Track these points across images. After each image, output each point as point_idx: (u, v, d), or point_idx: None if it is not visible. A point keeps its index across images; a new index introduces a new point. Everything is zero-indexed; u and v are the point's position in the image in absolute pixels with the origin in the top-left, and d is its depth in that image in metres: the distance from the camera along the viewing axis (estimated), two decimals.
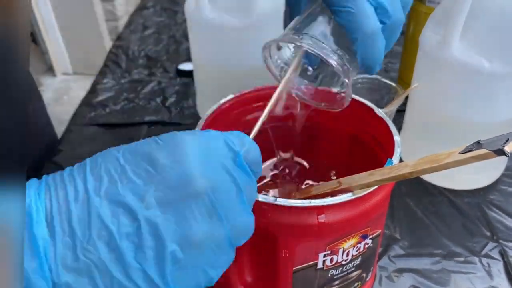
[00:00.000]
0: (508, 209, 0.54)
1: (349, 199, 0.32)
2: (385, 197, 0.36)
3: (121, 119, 0.69)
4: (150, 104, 0.73)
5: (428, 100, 0.54)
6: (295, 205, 0.31)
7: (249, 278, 0.39)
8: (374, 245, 0.38)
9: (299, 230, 0.33)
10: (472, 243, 0.50)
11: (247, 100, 0.43)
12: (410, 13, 0.68)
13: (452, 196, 0.56)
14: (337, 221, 0.32)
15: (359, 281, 0.40)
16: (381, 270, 0.47)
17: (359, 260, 0.37)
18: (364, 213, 0.34)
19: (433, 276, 0.47)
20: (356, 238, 0.35)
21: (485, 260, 0.48)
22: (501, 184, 0.57)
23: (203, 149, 0.26)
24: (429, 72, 0.53)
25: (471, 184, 0.57)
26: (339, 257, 0.36)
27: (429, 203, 0.55)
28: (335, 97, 0.39)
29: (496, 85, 0.48)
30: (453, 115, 0.52)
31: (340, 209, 0.32)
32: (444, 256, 0.49)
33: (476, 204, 0.55)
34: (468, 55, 0.47)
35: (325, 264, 0.36)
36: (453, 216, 0.53)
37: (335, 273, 0.37)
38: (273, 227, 0.33)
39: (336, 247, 0.35)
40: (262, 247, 0.35)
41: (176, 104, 0.73)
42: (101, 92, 0.77)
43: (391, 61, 0.83)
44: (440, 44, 0.49)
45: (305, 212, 0.32)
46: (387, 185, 0.35)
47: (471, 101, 0.50)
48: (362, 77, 0.60)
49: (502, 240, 0.50)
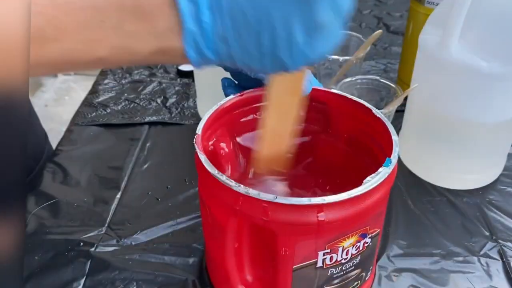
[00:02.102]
0: (507, 209, 0.54)
1: (349, 198, 0.32)
2: (384, 196, 0.36)
3: (122, 119, 0.70)
4: (151, 104, 0.73)
5: (427, 100, 0.55)
6: (294, 203, 0.32)
7: (249, 276, 0.39)
8: (373, 244, 0.38)
9: (298, 228, 0.33)
10: (471, 243, 0.50)
11: (248, 101, 0.44)
12: (409, 14, 0.68)
13: (451, 196, 0.56)
14: (336, 220, 0.33)
15: (358, 280, 0.40)
16: (380, 270, 0.47)
17: (358, 259, 0.38)
18: (363, 212, 0.34)
19: (432, 275, 0.47)
20: (355, 237, 0.36)
21: (484, 260, 0.48)
22: (500, 184, 0.58)
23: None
24: (428, 73, 0.54)
25: (470, 184, 0.57)
26: (338, 256, 0.36)
27: (428, 203, 0.55)
28: None
29: (494, 86, 0.49)
30: (452, 115, 0.52)
31: (340, 207, 0.33)
32: (443, 256, 0.49)
33: (475, 204, 0.55)
34: (467, 56, 0.48)
35: (325, 262, 0.36)
36: (452, 216, 0.53)
37: (335, 271, 0.37)
38: (273, 225, 0.33)
39: (335, 245, 0.35)
40: (262, 245, 0.36)
41: (176, 104, 0.73)
42: (102, 92, 0.77)
43: (391, 62, 0.84)
44: (439, 45, 0.49)
45: (304, 210, 0.32)
46: (386, 184, 0.35)
47: (469, 102, 0.51)
48: (362, 77, 0.61)
49: (501, 240, 0.50)
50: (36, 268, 0.47)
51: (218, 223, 0.37)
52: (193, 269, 0.47)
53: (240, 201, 0.33)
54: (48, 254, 0.49)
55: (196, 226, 0.52)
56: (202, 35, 0.25)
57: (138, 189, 0.57)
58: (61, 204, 0.55)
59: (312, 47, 0.26)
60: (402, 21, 0.98)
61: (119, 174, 0.59)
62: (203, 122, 0.39)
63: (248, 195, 0.32)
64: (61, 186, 0.58)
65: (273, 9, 0.24)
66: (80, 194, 0.56)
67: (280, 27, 0.25)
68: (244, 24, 0.25)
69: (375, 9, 1.05)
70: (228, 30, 0.25)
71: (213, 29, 0.25)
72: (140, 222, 0.52)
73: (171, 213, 0.54)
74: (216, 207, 0.37)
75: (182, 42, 0.25)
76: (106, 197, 0.56)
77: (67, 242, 0.50)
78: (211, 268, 0.45)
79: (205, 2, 0.24)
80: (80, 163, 0.61)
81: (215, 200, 0.36)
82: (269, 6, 0.24)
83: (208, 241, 0.43)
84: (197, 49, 0.26)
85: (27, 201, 0.54)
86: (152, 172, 0.60)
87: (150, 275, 0.46)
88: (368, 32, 0.69)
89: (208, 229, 0.41)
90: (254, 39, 0.25)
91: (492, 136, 0.54)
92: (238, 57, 0.26)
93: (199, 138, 0.37)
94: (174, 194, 0.56)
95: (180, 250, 0.49)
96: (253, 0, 0.24)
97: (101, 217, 0.53)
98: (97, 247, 0.49)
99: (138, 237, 0.51)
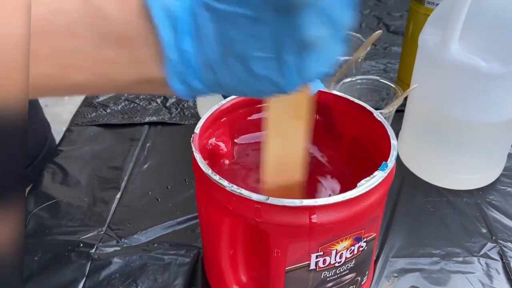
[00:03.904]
0: (506, 209, 0.54)
1: (342, 200, 0.32)
2: (379, 200, 0.36)
3: (122, 119, 0.70)
4: (151, 104, 0.73)
5: (427, 100, 0.54)
6: (287, 204, 0.31)
7: (244, 277, 0.39)
8: (369, 249, 0.38)
9: (291, 230, 0.33)
10: (471, 243, 0.50)
11: (249, 101, 0.44)
12: (409, 14, 0.68)
13: (451, 196, 0.56)
14: (329, 222, 0.33)
15: (353, 284, 0.40)
16: (380, 271, 0.47)
17: (353, 263, 0.37)
18: (357, 215, 0.34)
19: (432, 276, 0.47)
20: (349, 240, 0.35)
21: (483, 260, 0.48)
22: (499, 184, 0.58)
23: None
24: (428, 73, 0.54)
25: (470, 184, 0.57)
26: (332, 259, 0.36)
27: (428, 203, 0.55)
28: None
29: (494, 86, 0.49)
30: (451, 115, 0.52)
31: (333, 210, 0.32)
32: (443, 256, 0.49)
33: (475, 204, 0.55)
34: (466, 56, 0.48)
35: (318, 265, 0.36)
36: (452, 216, 0.53)
37: (328, 275, 0.37)
38: (265, 225, 0.33)
39: (328, 248, 0.35)
40: (256, 246, 0.36)
41: (176, 104, 0.73)
42: None
43: (391, 62, 0.83)
44: (439, 45, 0.49)
45: (297, 212, 0.32)
46: (381, 188, 0.35)
47: (469, 102, 0.51)
48: (362, 77, 0.61)
49: (500, 240, 0.50)
50: (36, 269, 0.47)
51: (212, 223, 0.37)
52: (193, 269, 0.47)
53: (233, 201, 0.33)
54: (48, 255, 0.49)
55: (196, 226, 0.52)
56: (185, 64, 0.23)
57: (138, 189, 0.57)
58: (61, 204, 0.55)
59: (305, 66, 0.24)
60: (402, 21, 0.98)
61: (119, 174, 0.59)
62: (202, 122, 0.39)
63: (241, 195, 0.32)
64: (61, 186, 0.58)
65: (258, 30, 0.22)
66: (80, 194, 0.56)
67: (267, 49, 0.23)
68: (229, 49, 0.23)
69: (375, 9, 1.05)
70: (213, 56, 0.23)
71: (197, 57, 0.23)
72: (140, 222, 0.52)
73: (171, 213, 0.54)
74: (210, 207, 0.37)
75: (165, 72, 0.24)
76: (106, 197, 0.56)
77: (67, 243, 0.50)
78: (208, 268, 0.46)
79: (185, 28, 0.23)
80: (80, 163, 0.61)
81: (210, 200, 0.36)
82: (253, 27, 0.22)
83: (204, 240, 0.43)
84: (181, 79, 0.24)
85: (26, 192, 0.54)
86: (152, 172, 0.60)
87: (150, 275, 0.46)
88: (368, 32, 0.69)
89: (204, 228, 0.41)
90: (241, 64, 0.23)
91: (492, 136, 0.54)
92: (227, 84, 0.24)
93: (197, 137, 0.37)
94: (174, 194, 0.56)
95: (180, 250, 0.49)
96: (236, 22, 0.22)
97: (101, 217, 0.53)
98: (97, 248, 0.49)
99: (138, 237, 0.51)
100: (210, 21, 0.22)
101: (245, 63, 0.23)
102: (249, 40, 0.23)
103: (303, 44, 0.23)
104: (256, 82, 0.24)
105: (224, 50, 0.23)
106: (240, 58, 0.23)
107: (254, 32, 0.23)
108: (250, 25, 0.22)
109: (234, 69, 0.24)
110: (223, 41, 0.23)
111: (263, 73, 0.24)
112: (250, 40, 0.23)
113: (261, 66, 0.23)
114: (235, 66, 0.23)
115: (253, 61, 0.23)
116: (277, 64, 0.23)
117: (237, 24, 0.22)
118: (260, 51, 0.23)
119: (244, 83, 0.24)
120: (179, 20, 0.22)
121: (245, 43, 0.23)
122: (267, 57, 0.23)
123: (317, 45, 0.23)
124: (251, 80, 0.24)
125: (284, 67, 0.24)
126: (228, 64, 0.23)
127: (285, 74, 0.24)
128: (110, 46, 0.23)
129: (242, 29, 0.23)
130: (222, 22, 0.22)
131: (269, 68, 0.23)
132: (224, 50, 0.23)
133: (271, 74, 0.24)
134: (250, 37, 0.23)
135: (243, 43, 0.23)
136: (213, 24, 0.23)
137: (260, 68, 0.23)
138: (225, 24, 0.23)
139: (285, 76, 0.24)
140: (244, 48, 0.23)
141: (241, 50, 0.23)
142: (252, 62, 0.23)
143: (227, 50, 0.23)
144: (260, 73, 0.24)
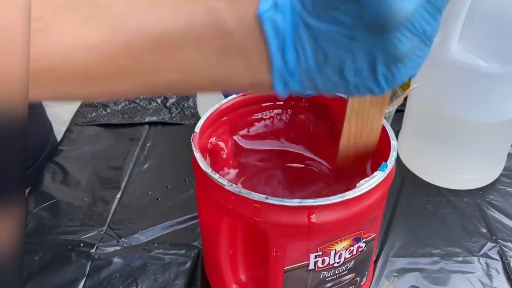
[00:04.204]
0: (506, 209, 0.54)
1: (341, 200, 0.32)
2: (379, 201, 0.36)
3: (122, 119, 0.70)
4: (151, 104, 0.73)
5: (427, 100, 0.55)
6: (286, 204, 0.31)
7: (243, 276, 0.39)
8: (368, 249, 0.38)
9: (289, 230, 0.33)
10: (471, 243, 0.50)
11: (250, 100, 0.44)
12: None
13: (451, 196, 0.56)
14: (328, 222, 0.33)
15: (352, 285, 0.40)
16: (379, 270, 0.47)
17: (352, 263, 0.37)
18: (356, 215, 0.34)
19: (432, 276, 0.47)
20: (348, 241, 0.35)
21: (483, 260, 0.48)
22: (499, 184, 0.58)
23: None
24: (428, 73, 0.54)
25: (470, 184, 0.57)
26: (331, 259, 0.36)
27: (428, 203, 0.55)
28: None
29: (494, 86, 0.49)
30: (451, 115, 0.52)
31: (332, 210, 0.32)
32: (443, 256, 0.49)
33: (474, 204, 0.55)
34: (466, 56, 0.48)
35: (317, 265, 0.36)
36: (451, 216, 0.53)
37: (327, 275, 0.37)
38: (264, 225, 0.33)
39: (327, 248, 0.35)
40: (255, 245, 0.36)
41: (176, 104, 0.73)
42: None
43: None
44: (439, 45, 0.49)
45: (296, 211, 0.32)
46: (381, 188, 0.35)
47: (469, 102, 0.51)
48: None
49: (500, 240, 0.50)
50: (36, 268, 0.47)
51: (212, 222, 0.37)
52: (193, 269, 0.47)
53: (232, 200, 0.33)
54: (48, 254, 0.49)
55: (196, 226, 0.52)
56: (288, 72, 0.26)
57: (138, 189, 0.57)
58: (61, 204, 0.55)
59: (397, 75, 0.26)
60: None
61: (119, 174, 0.59)
62: (202, 121, 0.39)
63: (240, 194, 0.32)
64: (61, 186, 0.58)
65: (352, 45, 0.25)
66: (80, 194, 0.56)
67: (361, 62, 0.26)
68: (325, 61, 0.26)
69: None
70: (311, 66, 0.26)
71: (298, 66, 0.26)
72: (140, 222, 0.52)
73: (171, 213, 0.54)
74: (209, 206, 0.37)
75: (271, 78, 0.27)
76: (106, 197, 0.56)
77: (67, 242, 0.50)
78: (207, 267, 0.46)
79: (289, 42, 0.25)
80: (80, 163, 0.61)
81: (209, 198, 0.36)
82: (347, 43, 0.25)
83: (204, 240, 0.43)
84: (284, 84, 0.27)
85: (27, 192, 0.54)
86: (152, 172, 0.60)
87: (151, 275, 0.47)
88: None
89: (203, 228, 0.41)
90: (338, 74, 0.26)
91: (492, 136, 0.54)
92: (323, 87, 0.27)
93: (197, 136, 0.37)
94: (174, 194, 0.56)
95: (180, 250, 0.49)
96: (331, 38, 0.25)
97: (101, 217, 0.53)
98: (98, 247, 0.49)
99: (138, 237, 0.51)
100: (308, 36, 0.25)
101: (341, 73, 0.26)
102: (344, 54, 0.25)
103: (397, 58, 0.25)
104: (350, 88, 0.27)
105: (321, 61, 0.26)
106: (335, 68, 0.26)
107: (348, 47, 0.25)
108: (344, 41, 0.25)
109: (330, 77, 0.26)
110: (320, 54, 0.26)
111: (358, 82, 0.26)
112: (344, 54, 0.25)
113: (355, 76, 0.26)
114: (331, 75, 0.26)
115: (348, 71, 0.26)
116: (371, 74, 0.26)
117: (332, 40, 0.25)
118: (354, 63, 0.26)
119: (339, 88, 0.27)
120: (285, 34, 0.25)
121: (340, 56, 0.25)
122: (361, 68, 0.26)
123: (409, 57, 0.26)
124: (346, 85, 0.27)
125: (377, 77, 0.26)
126: (325, 72, 0.26)
127: (378, 82, 0.26)
128: (231, 57, 0.26)
129: (337, 45, 0.25)
130: (319, 37, 0.25)
131: (364, 77, 0.26)
132: (321, 61, 0.26)
133: (366, 82, 0.26)
134: (344, 51, 0.25)
135: (338, 56, 0.26)
136: (311, 38, 0.25)
137: (354, 77, 0.26)
138: (321, 39, 0.25)
139: (379, 83, 0.26)
140: (339, 60, 0.26)
141: (336, 62, 0.26)
142: (347, 72, 0.26)
143: (323, 61, 0.26)
144: (355, 82, 0.26)
